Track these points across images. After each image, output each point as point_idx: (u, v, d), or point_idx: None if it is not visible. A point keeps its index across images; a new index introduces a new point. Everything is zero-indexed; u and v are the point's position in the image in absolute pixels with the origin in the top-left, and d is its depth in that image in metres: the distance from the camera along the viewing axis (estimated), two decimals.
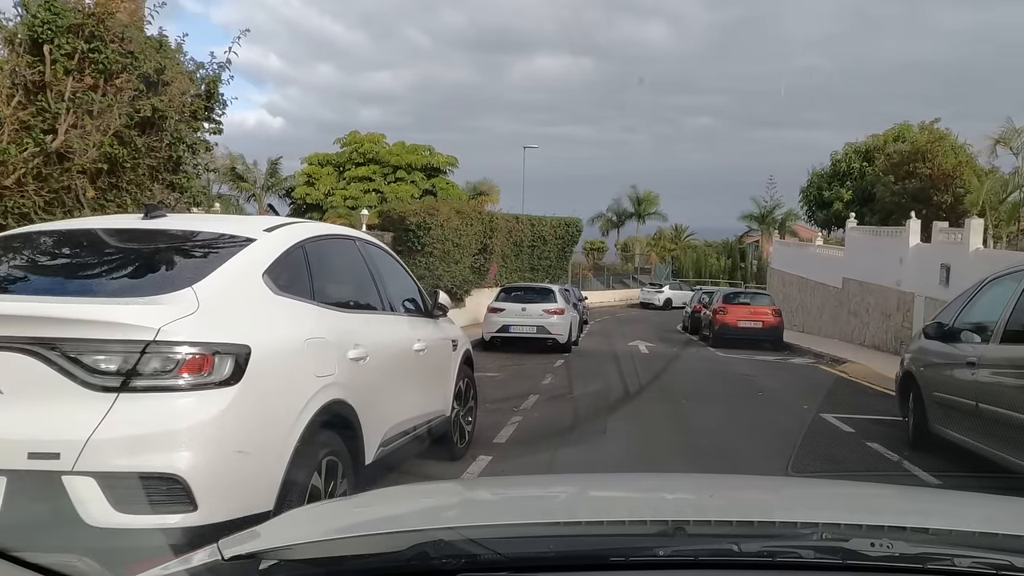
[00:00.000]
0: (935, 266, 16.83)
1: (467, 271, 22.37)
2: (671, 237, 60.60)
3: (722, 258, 53.92)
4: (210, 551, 1.43)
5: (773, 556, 1.35)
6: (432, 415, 5.44)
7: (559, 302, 17.71)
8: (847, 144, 29.10)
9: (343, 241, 4.58)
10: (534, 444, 7.51)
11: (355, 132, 37.04)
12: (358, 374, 3.88)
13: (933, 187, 20.55)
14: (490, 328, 17.71)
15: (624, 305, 43.16)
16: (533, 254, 32.20)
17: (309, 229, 4.09)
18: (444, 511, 1.99)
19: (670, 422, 9.13)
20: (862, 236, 22.83)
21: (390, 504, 2.08)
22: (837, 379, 14.26)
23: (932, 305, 17.06)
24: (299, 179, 36.75)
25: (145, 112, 7.27)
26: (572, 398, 10.71)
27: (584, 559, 1.38)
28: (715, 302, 22.39)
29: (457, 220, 21.11)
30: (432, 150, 36.70)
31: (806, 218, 31.07)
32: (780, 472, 5.89)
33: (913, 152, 21.63)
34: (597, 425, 8.58)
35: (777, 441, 7.95)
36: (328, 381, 3.53)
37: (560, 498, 2.20)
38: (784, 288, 30.22)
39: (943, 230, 17.07)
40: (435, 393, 5.57)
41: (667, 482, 2.82)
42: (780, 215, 50.83)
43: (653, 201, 57.62)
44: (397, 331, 4.78)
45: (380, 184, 35.22)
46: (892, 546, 1.35)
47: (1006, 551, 1.37)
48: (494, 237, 24.30)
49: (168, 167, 7.80)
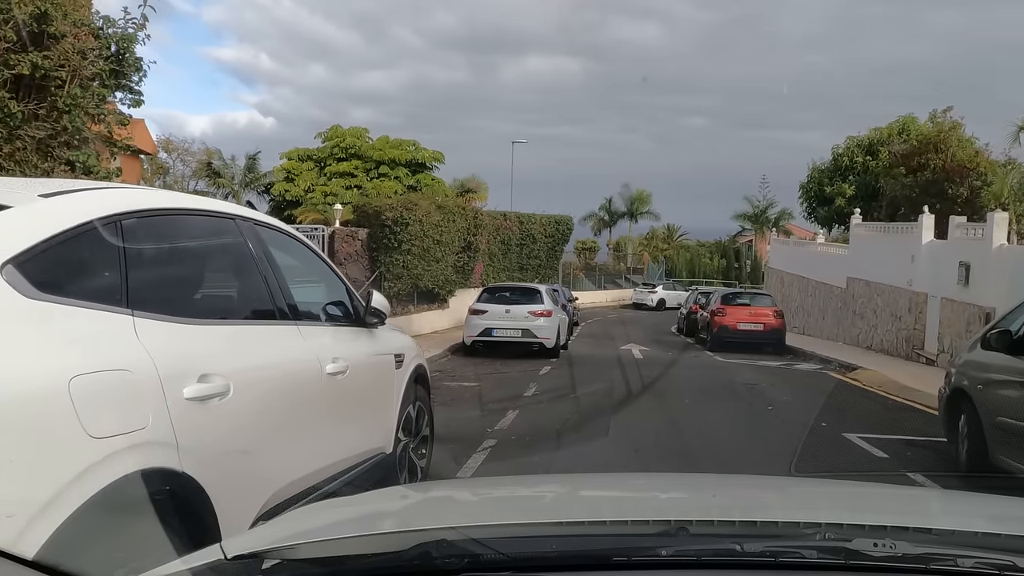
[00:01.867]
0: (952, 264, 15.52)
1: (449, 270, 20.98)
2: (664, 237, 59.64)
3: (715, 258, 53.13)
4: (213, 550, 1.42)
5: (776, 556, 1.34)
6: (361, 457, 4.07)
7: (546, 303, 16.34)
8: (849, 137, 27.75)
9: (209, 220, 3.15)
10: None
11: (337, 126, 35.61)
12: (204, 421, 2.51)
13: (947, 179, 19.16)
14: (471, 331, 16.34)
15: (616, 306, 41.85)
16: (522, 253, 30.90)
17: (130, 199, 2.65)
18: (446, 511, 1.97)
19: (671, 445, 7.79)
20: (868, 233, 21.51)
21: (392, 504, 2.11)
22: (851, 389, 12.92)
23: (949, 307, 15.77)
24: (278, 175, 35.32)
25: (21, 70, 5.88)
26: (557, 415, 9.33)
27: (587, 559, 1.38)
28: (713, 303, 21.06)
29: (438, 216, 19.70)
30: (417, 145, 35.35)
31: (806, 215, 29.70)
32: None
33: (924, 142, 20.22)
34: (583, 451, 7.22)
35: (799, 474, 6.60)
36: (133, 441, 2.15)
37: (563, 498, 2.19)
38: (783, 288, 28.95)
39: (961, 225, 15.74)
40: (365, 427, 4.20)
41: (669, 482, 2.84)
42: (774, 214, 50.28)
43: (646, 200, 56.50)
44: (295, 348, 3.40)
45: (362, 180, 33.83)
46: (895, 546, 1.35)
47: (1009, 551, 1.35)
48: (478, 234, 22.88)
49: (65, 141, 6.39)
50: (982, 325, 14.43)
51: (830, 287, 23.93)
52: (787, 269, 29.75)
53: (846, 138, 27.97)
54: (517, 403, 9.91)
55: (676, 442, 7.95)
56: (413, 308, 20.33)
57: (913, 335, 17.67)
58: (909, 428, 9.22)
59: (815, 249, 26.59)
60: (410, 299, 19.98)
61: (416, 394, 5.20)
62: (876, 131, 27.04)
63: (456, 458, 6.51)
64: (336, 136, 35.85)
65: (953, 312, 15.55)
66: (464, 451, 6.82)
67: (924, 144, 20.21)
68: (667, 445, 7.73)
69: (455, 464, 6.33)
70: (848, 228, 23.95)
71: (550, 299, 16.83)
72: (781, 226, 49.27)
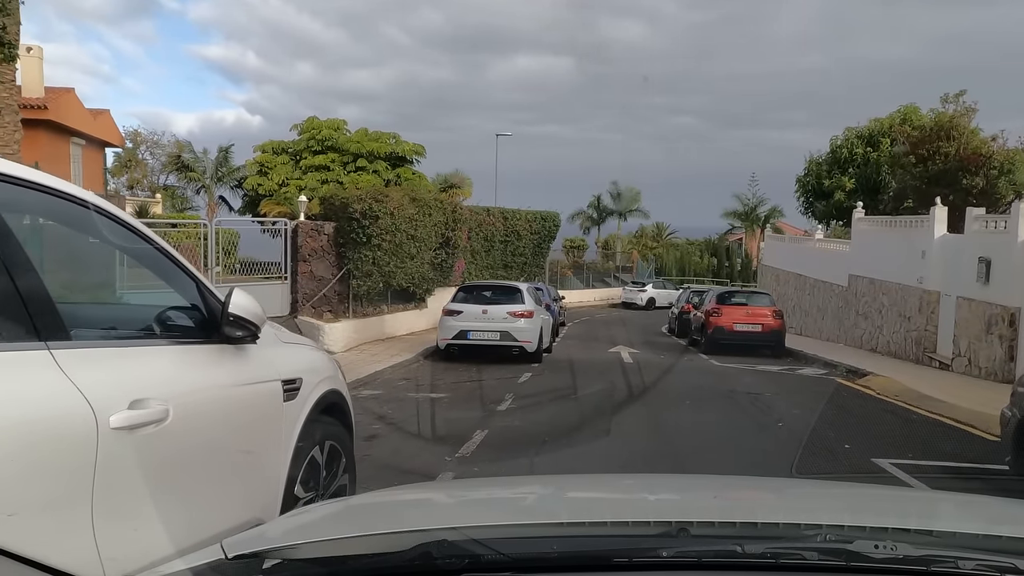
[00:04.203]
0: (970, 260, 14.21)
1: (426, 268, 19.52)
2: (653, 235, 58.77)
3: (705, 256, 52.30)
4: (214, 550, 1.43)
5: (777, 557, 1.35)
6: (212, 542, 2.63)
7: (527, 303, 14.93)
8: (847, 128, 26.37)
9: None
10: None
11: (313, 118, 34.17)
12: None
13: (961, 168, 17.74)
14: (445, 334, 14.91)
15: (605, 305, 40.51)
16: (506, 250, 29.48)
17: None
18: (447, 511, 1.97)
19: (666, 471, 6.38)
20: (872, 227, 20.17)
21: (393, 504, 2.07)
22: (865, 399, 11.54)
23: (967, 306, 14.47)
24: (251, 168, 33.81)
25: None
26: (531, 438, 7.89)
27: (587, 560, 1.38)
28: (708, 302, 19.70)
29: (412, 209, 18.21)
30: (398, 138, 33.96)
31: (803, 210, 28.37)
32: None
33: (935, 129, 18.78)
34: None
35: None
36: None
37: (563, 499, 2.18)
38: (779, 286, 27.67)
39: (980, 217, 14.39)
40: (216, 499, 2.77)
41: (670, 483, 2.81)
42: (764, 212, 49.61)
43: (635, 198, 55.46)
44: (31, 391, 1.96)
45: (339, 174, 32.39)
46: (896, 548, 1.35)
47: (1009, 553, 1.35)
48: (457, 229, 21.41)
49: None
50: (1006, 327, 13.17)
51: (830, 285, 22.63)
52: (783, 267, 28.46)
53: (844, 129, 26.64)
54: (488, 421, 8.49)
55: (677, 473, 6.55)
56: (387, 308, 18.89)
57: (924, 337, 16.36)
58: (947, 451, 7.87)
59: (814, 245, 25.27)
60: (383, 298, 18.54)
61: (325, 431, 3.77)
62: (876, 122, 25.74)
63: None
64: (312, 128, 34.42)
65: (971, 312, 14.24)
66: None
67: (935, 131, 18.78)
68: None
69: None
70: (848, 223, 22.62)
71: (532, 298, 15.42)
72: (772, 223, 48.37)
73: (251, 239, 20.28)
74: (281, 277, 15.94)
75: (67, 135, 25.89)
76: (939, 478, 6.50)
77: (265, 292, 15.77)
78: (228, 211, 35.25)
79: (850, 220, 21.64)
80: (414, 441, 7.34)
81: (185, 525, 2.39)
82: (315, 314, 16.08)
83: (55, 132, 24.47)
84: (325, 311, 16.35)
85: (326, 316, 16.22)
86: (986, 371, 13.65)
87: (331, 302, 16.52)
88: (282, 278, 15.92)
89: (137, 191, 36.47)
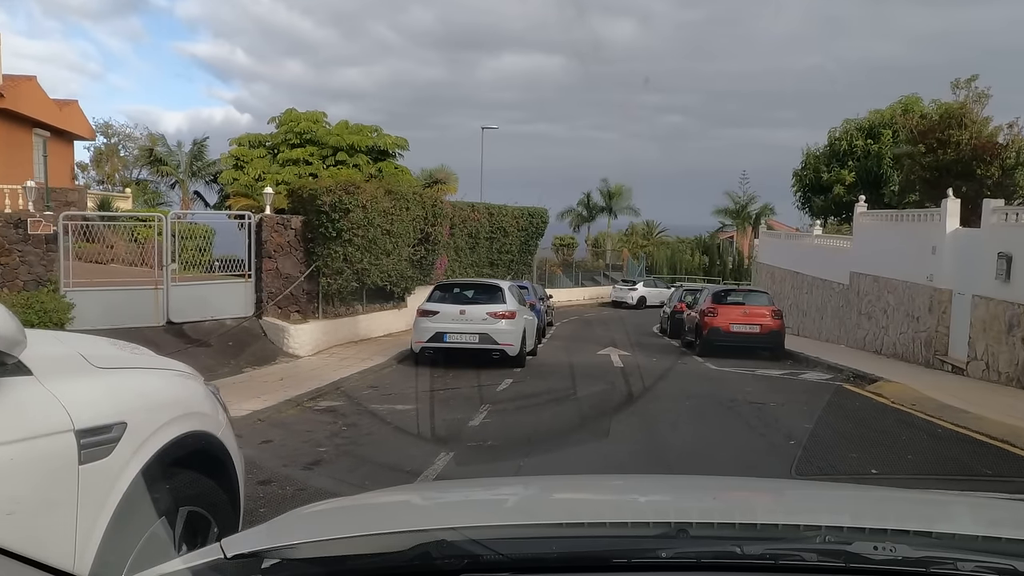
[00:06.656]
0: (988, 256, 13.12)
1: (404, 265, 18.31)
2: (643, 233, 57.96)
3: (696, 254, 51.34)
4: (213, 549, 1.40)
5: (776, 559, 1.34)
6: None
7: (508, 303, 13.75)
8: (846, 120, 25.30)
9: None
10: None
11: (292, 110, 32.85)
12: None
13: (975, 158, 16.62)
14: (420, 336, 13.71)
15: (595, 304, 39.39)
16: (492, 247, 28.32)
17: None
18: (446, 511, 1.95)
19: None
20: (876, 222, 19.07)
21: (392, 504, 2.07)
22: (881, 410, 10.40)
23: (984, 306, 13.38)
24: (226, 162, 32.50)
25: None
26: (506, 461, 6.70)
27: (586, 560, 1.38)
28: (703, 302, 18.58)
29: (387, 202, 16.99)
30: (380, 131, 32.74)
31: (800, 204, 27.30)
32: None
33: (946, 117, 17.64)
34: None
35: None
36: None
37: (562, 499, 2.17)
38: (774, 285, 26.58)
39: (999, 210, 13.29)
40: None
41: (670, 484, 2.80)
42: (755, 210, 48.95)
43: (625, 195, 54.57)
44: None
45: (318, 168, 31.12)
46: (895, 550, 1.34)
47: (1009, 555, 1.34)
48: (437, 224, 20.19)
49: None
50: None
51: (830, 283, 21.56)
52: (778, 264, 27.39)
53: (843, 121, 25.58)
54: (456, 441, 7.31)
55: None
56: (362, 308, 17.68)
57: (935, 338, 15.28)
58: (983, 472, 6.75)
59: (812, 241, 24.17)
60: (358, 298, 17.32)
61: (179, 494, 2.60)
62: (876, 113, 24.68)
63: None
64: (290, 120, 33.10)
65: (989, 312, 13.16)
66: None
67: (945, 119, 17.69)
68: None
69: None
70: (847, 219, 21.53)
71: (514, 298, 14.24)
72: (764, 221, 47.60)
73: (230, 236, 19.04)
74: (244, 275, 14.67)
75: (29, 125, 24.59)
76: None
77: (225, 291, 14.53)
78: (204, 206, 33.96)
79: (848, 216, 20.56)
80: (363, 469, 6.17)
81: None
82: (281, 315, 14.86)
83: (13, 122, 23.20)
84: (292, 311, 15.13)
85: (293, 317, 15.00)
86: (1007, 376, 12.58)
87: (299, 302, 15.29)
88: (245, 276, 14.65)
89: (108, 186, 35.08)
